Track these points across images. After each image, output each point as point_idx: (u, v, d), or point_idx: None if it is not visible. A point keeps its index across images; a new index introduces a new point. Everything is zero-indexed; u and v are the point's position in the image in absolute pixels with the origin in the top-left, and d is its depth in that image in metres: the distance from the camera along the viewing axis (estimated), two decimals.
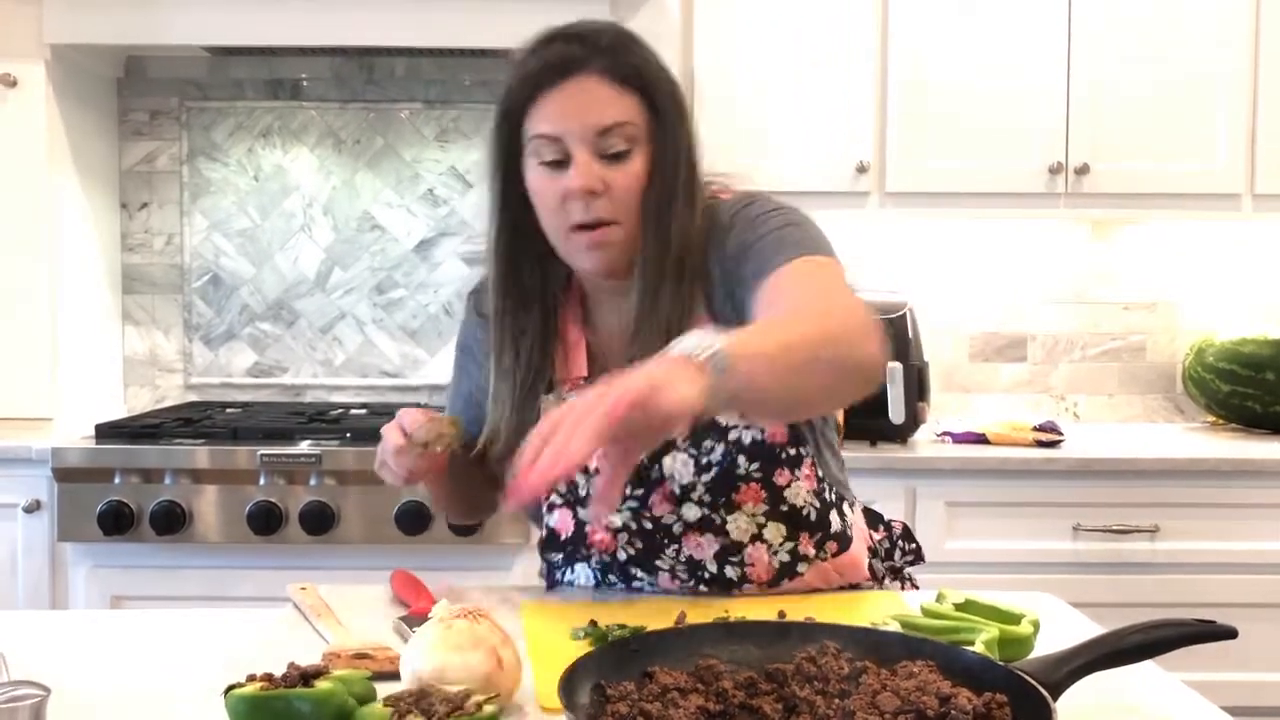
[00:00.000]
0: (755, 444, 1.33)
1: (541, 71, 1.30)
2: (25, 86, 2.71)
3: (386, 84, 3.12)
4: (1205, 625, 1.04)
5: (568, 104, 1.29)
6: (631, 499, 1.36)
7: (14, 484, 2.52)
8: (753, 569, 1.37)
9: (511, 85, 1.32)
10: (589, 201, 1.29)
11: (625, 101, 1.30)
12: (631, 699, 0.92)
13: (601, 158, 1.29)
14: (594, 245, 1.31)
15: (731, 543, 1.36)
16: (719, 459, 1.33)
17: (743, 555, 1.37)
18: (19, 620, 1.44)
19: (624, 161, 1.30)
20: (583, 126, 1.28)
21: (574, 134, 1.28)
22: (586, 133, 1.28)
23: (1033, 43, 2.79)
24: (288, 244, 3.13)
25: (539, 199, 1.33)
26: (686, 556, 1.37)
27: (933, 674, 0.95)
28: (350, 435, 2.57)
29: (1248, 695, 2.52)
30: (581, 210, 1.29)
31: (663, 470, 1.34)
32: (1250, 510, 2.59)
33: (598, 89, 1.29)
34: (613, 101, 1.29)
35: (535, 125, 1.30)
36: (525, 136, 1.31)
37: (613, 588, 1.42)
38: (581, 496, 1.38)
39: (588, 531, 1.38)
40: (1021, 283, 3.16)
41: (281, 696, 0.92)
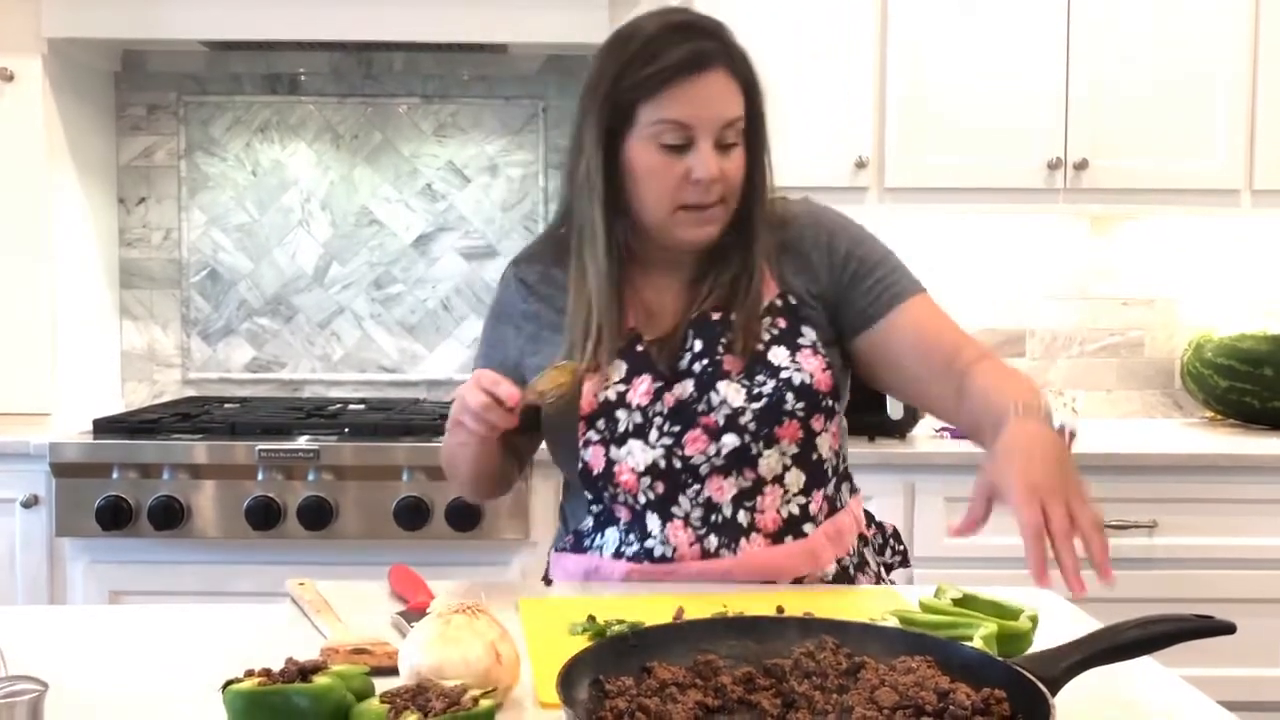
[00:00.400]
0: (803, 385, 1.44)
1: (680, 65, 1.39)
2: (22, 81, 2.70)
3: (385, 79, 3.12)
4: (1203, 620, 1.04)
5: (701, 95, 1.39)
6: (666, 436, 1.43)
7: (12, 479, 2.52)
8: (763, 516, 1.44)
9: (638, 72, 1.40)
10: (710, 186, 1.41)
11: (740, 99, 1.43)
12: (630, 694, 0.92)
13: (718, 146, 1.41)
14: (705, 222, 1.44)
15: (752, 485, 1.44)
16: (770, 392, 1.43)
17: (756, 501, 1.44)
18: (17, 615, 1.44)
19: (732, 151, 1.43)
20: (713, 118, 1.40)
21: (705, 124, 1.40)
22: (715, 125, 1.40)
23: (1032, 38, 2.79)
24: (286, 239, 3.13)
25: (651, 176, 1.42)
26: (705, 498, 1.44)
27: (931, 669, 0.95)
28: (348, 430, 2.57)
29: (1246, 690, 2.52)
30: (702, 193, 1.41)
31: (710, 402, 1.43)
32: (1248, 505, 2.60)
33: (724, 85, 1.41)
34: (734, 97, 1.42)
35: (665, 111, 1.39)
36: (642, 118, 1.40)
37: (630, 546, 1.45)
38: (618, 434, 1.44)
39: (615, 471, 1.44)
40: (1020, 278, 3.16)
41: (279, 692, 0.92)
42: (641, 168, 1.42)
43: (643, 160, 1.42)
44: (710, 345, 1.46)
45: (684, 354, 1.46)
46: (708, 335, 1.46)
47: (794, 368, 1.44)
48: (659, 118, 1.39)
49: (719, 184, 1.41)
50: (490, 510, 2.47)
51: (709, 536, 1.43)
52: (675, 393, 1.45)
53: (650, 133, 1.40)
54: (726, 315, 1.47)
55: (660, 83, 1.39)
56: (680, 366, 1.46)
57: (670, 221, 1.44)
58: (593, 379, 1.45)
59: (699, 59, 1.39)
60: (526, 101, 3.11)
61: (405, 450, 2.48)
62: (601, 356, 1.44)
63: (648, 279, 1.51)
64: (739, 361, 1.45)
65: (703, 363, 1.45)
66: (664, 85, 1.39)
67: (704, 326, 1.47)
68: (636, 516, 1.45)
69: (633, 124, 1.41)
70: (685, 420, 1.43)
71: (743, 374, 1.44)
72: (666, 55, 1.39)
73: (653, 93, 1.39)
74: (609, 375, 1.45)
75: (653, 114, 1.40)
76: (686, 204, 1.42)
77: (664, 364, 1.46)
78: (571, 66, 3.11)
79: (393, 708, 0.92)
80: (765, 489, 1.44)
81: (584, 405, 1.45)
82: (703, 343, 1.46)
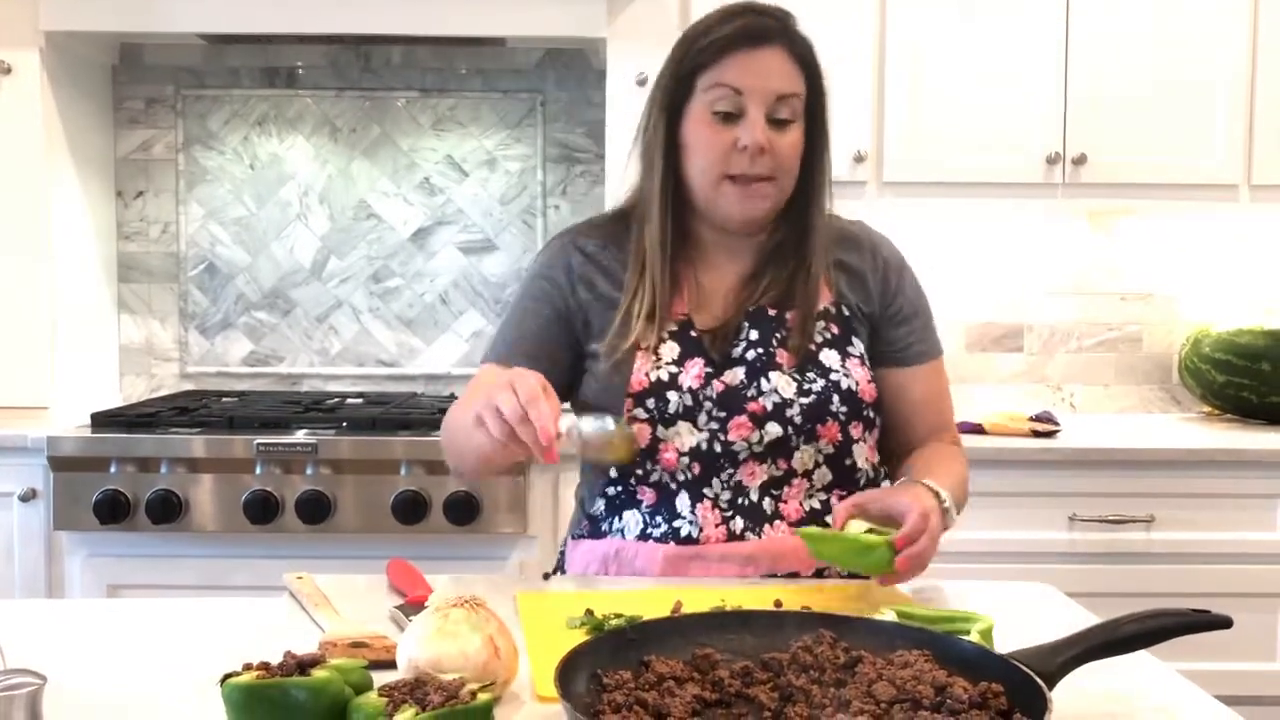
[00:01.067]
0: (849, 391, 1.49)
1: (736, 35, 1.45)
2: (20, 74, 2.70)
3: (383, 72, 3.12)
4: (1200, 615, 1.04)
5: (756, 65, 1.45)
6: (713, 420, 1.46)
7: (10, 473, 2.52)
8: (786, 505, 1.47)
9: (698, 44, 1.47)
10: (756, 156, 1.44)
11: (798, 79, 1.48)
12: (628, 688, 0.92)
13: (769, 120, 1.45)
14: (750, 195, 1.47)
15: (782, 475, 1.48)
16: (819, 390, 1.48)
17: (783, 491, 1.47)
18: (15, 609, 1.44)
19: (786, 129, 1.47)
20: (765, 88, 1.44)
21: (756, 92, 1.44)
22: (767, 95, 1.45)
23: (1031, 33, 2.79)
24: (284, 233, 3.13)
25: (700, 144, 1.47)
26: (735, 482, 1.47)
27: (928, 663, 0.95)
28: (346, 424, 2.57)
29: (1242, 684, 2.53)
30: (747, 163, 1.45)
31: (760, 388, 1.47)
32: (1246, 500, 2.60)
33: (781, 61, 1.46)
34: (790, 75, 1.47)
35: (721, 76, 1.45)
36: (701, 85, 1.46)
37: (657, 528, 1.47)
38: (667, 415, 1.46)
39: (660, 449, 1.46)
40: (1018, 273, 3.16)
41: (278, 685, 0.92)
42: (693, 138, 1.47)
43: (695, 131, 1.46)
44: (765, 337, 1.50)
45: (738, 343, 1.50)
46: (764, 328, 1.50)
47: (843, 372, 1.49)
48: (716, 81, 1.44)
49: (767, 157, 1.44)
50: (488, 504, 2.47)
51: (735, 519, 1.46)
52: (725, 379, 1.48)
53: (705, 100, 1.45)
54: (783, 312, 1.51)
55: (716, 50, 1.45)
56: (733, 354, 1.49)
57: (716, 194, 1.47)
58: (644, 357, 1.48)
59: (756, 32, 1.45)
60: (525, 95, 3.11)
61: (403, 444, 2.48)
62: (650, 335, 1.47)
63: (705, 265, 1.55)
64: (791, 357, 1.49)
65: (757, 352, 1.49)
66: (720, 53, 1.44)
67: (761, 319, 1.51)
68: (664, 497, 1.47)
69: (691, 94, 1.46)
70: (732, 406, 1.46)
71: (794, 368, 1.48)
72: (724, 27, 1.46)
73: (709, 61, 1.45)
74: (660, 356, 1.48)
75: (708, 80, 1.45)
76: (732, 174, 1.45)
77: (717, 351, 1.50)
78: (570, 60, 3.10)
79: (391, 701, 0.92)
80: (794, 480, 1.48)
81: (634, 383, 1.47)
82: (759, 334, 1.50)
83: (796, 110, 1.47)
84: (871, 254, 1.58)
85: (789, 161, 1.47)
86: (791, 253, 1.52)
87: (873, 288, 1.56)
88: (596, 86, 3.04)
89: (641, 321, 1.48)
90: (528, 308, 1.55)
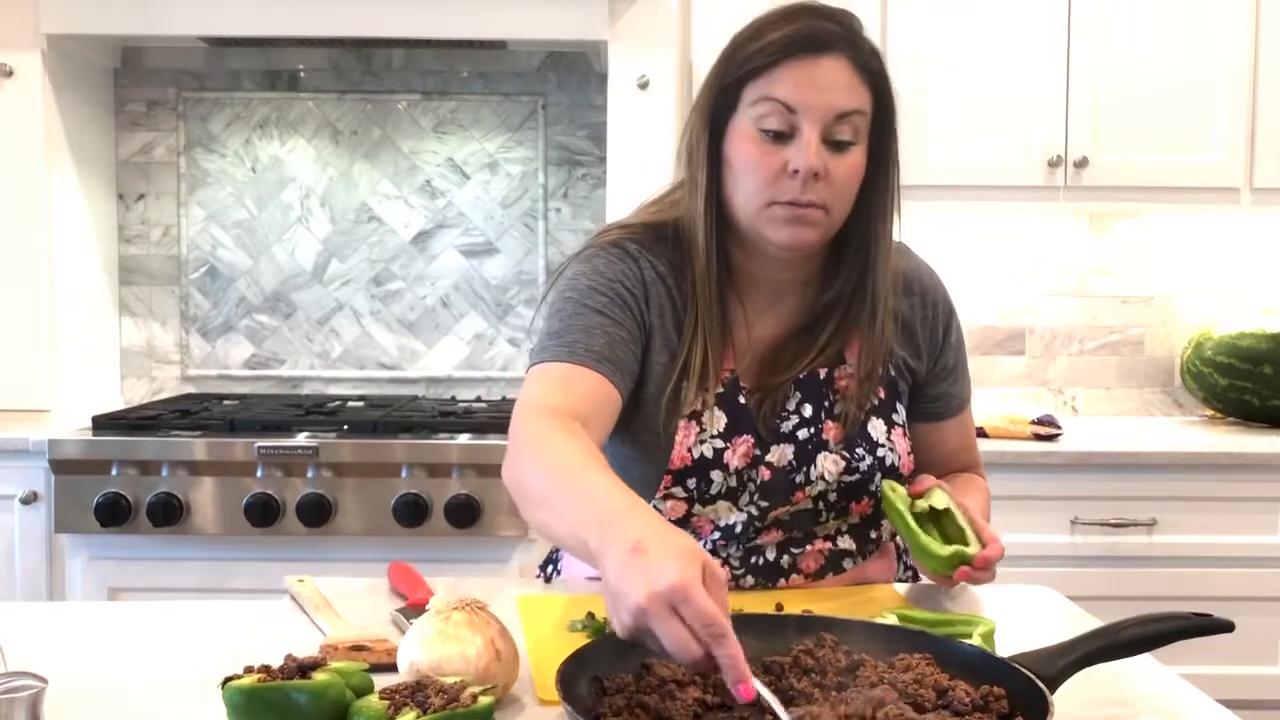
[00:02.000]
0: (892, 467, 1.38)
1: (792, 40, 1.25)
2: (21, 76, 2.70)
3: (384, 75, 3.12)
4: (1202, 618, 1.04)
5: (814, 78, 1.25)
6: (754, 505, 1.35)
7: (11, 475, 2.52)
8: (804, 559, 1.40)
9: (746, 50, 1.28)
10: (810, 183, 1.26)
11: (862, 93, 1.28)
12: (629, 691, 0.92)
13: (826, 142, 1.26)
14: (796, 220, 1.28)
15: (802, 537, 1.40)
16: (864, 469, 1.37)
17: (803, 550, 1.40)
18: (16, 611, 1.44)
19: (846, 152, 1.28)
20: (823, 105, 1.25)
21: (813, 110, 1.25)
22: (825, 113, 1.25)
23: (1033, 35, 2.79)
24: (285, 235, 3.13)
25: (746, 164, 1.28)
26: (753, 544, 1.39)
27: (930, 666, 0.95)
28: (347, 427, 2.57)
29: (1244, 688, 2.53)
30: (798, 189, 1.26)
31: (809, 475, 1.35)
32: (1248, 504, 2.60)
33: (843, 73, 1.26)
34: (853, 89, 1.27)
35: (772, 89, 1.25)
36: (747, 98, 1.27)
37: None
38: (708, 496, 1.33)
39: (693, 523, 1.36)
40: (1020, 276, 3.16)
41: (279, 688, 0.92)
42: (739, 155, 1.28)
43: (740, 148, 1.28)
44: (816, 411, 1.36)
45: (788, 415, 1.36)
46: (814, 397, 1.36)
47: (888, 446, 1.38)
48: (766, 95, 1.25)
49: (821, 183, 1.26)
50: (489, 507, 2.47)
51: (746, 577, 1.39)
52: (772, 458, 1.35)
53: (752, 115, 1.27)
54: (831, 372, 1.37)
55: (767, 58, 1.25)
56: (781, 430, 1.36)
57: (761, 217, 1.28)
58: (687, 426, 1.33)
59: (814, 39, 1.25)
60: (526, 98, 3.11)
61: (404, 447, 2.48)
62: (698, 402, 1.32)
63: (754, 308, 1.38)
64: (840, 431, 1.36)
65: (808, 431, 1.35)
66: (771, 62, 1.25)
67: (811, 386, 1.37)
68: None
69: (736, 108, 1.28)
70: (777, 494, 1.35)
71: (842, 444, 1.36)
72: (777, 31, 1.26)
73: (759, 70, 1.26)
74: (704, 426, 1.33)
75: (757, 93, 1.26)
76: (780, 200, 1.27)
77: (765, 426, 1.35)
78: (571, 63, 3.10)
79: (392, 704, 0.92)
80: (814, 542, 1.41)
81: (675, 459, 1.32)
82: (811, 408, 1.36)
83: (859, 129, 1.27)
84: (921, 298, 1.43)
85: (846, 189, 1.29)
86: (850, 302, 1.36)
87: (921, 341, 1.43)
88: (598, 89, 3.04)
89: (694, 385, 1.32)
90: (602, 311, 1.31)
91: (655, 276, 1.35)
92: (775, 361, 1.38)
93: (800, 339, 1.38)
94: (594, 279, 1.34)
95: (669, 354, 1.35)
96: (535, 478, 1.12)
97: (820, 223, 1.29)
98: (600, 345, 1.29)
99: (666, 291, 1.35)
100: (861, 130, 1.28)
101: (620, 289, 1.33)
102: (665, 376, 1.35)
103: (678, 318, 1.35)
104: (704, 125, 1.31)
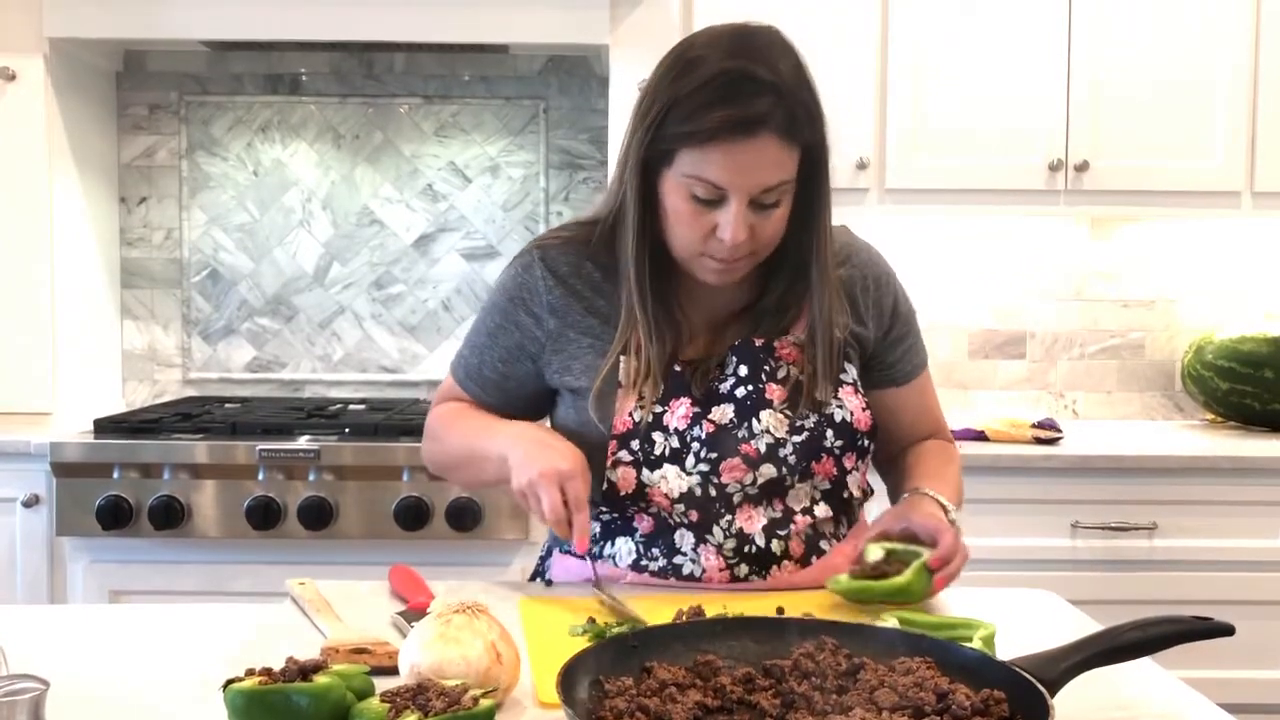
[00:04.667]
0: (843, 423, 1.43)
1: (725, 124, 1.29)
2: (24, 80, 2.70)
3: (386, 79, 3.12)
4: (1203, 622, 1.04)
5: (742, 161, 1.30)
6: (703, 463, 1.40)
7: (13, 478, 2.52)
8: (792, 544, 1.43)
9: (679, 122, 1.32)
10: (736, 246, 1.34)
11: (791, 159, 1.33)
12: (630, 694, 0.92)
13: (753, 204, 1.33)
14: (728, 271, 1.38)
15: (782, 515, 1.43)
16: (811, 426, 1.42)
17: (788, 530, 1.43)
18: (18, 614, 1.44)
19: (771, 211, 1.35)
20: (750, 185, 1.31)
21: (740, 189, 1.31)
22: (752, 190, 1.32)
23: (1033, 40, 2.79)
24: (286, 239, 3.13)
25: (678, 218, 1.36)
26: (737, 529, 1.42)
27: (930, 670, 0.95)
28: (349, 430, 2.57)
29: (1245, 692, 2.53)
30: (726, 250, 1.34)
31: (751, 429, 1.40)
32: (1248, 508, 2.60)
33: (773, 153, 1.31)
34: (782, 162, 1.32)
35: (700, 168, 1.31)
36: (679, 164, 1.33)
37: (654, 561, 1.44)
38: (653, 457, 1.40)
39: (648, 491, 1.41)
40: (1021, 280, 3.16)
41: (280, 691, 0.92)
42: (671, 209, 1.36)
43: (674, 202, 1.35)
44: (755, 372, 1.43)
45: (726, 378, 1.43)
46: (751, 361, 1.43)
47: (836, 404, 1.43)
48: (694, 172, 1.32)
49: (747, 242, 1.34)
50: (490, 510, 2.47)
51: (740, 565, 1.42)
52: (714, 417, 1.41)
53: (683, 180, 1.33)
54: (771, 341, 1.44)
55: (702, 139, 1.30)
56: (720, 390, 1.43)
57: (692, 262, 1.39)
58: (626, 396, 1.41)
59: (747, 123, 1.29)
60: (528, 102, 3.12)
61: (405, 450, 2.48)
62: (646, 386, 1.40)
63: (690, 296, 1.46)
64: (782, 391, 1.42)
65: (746, 388, 1.42)
66: (705, 142, 1.30)
67: (747, 351, 1.44)
68: (662, 530, 1.43)
69: (670, 163, 1.34)
70: (724, 448, 1.40)
71: (785, 404, 1.42)
72: (715, 110, 1.29)
73: (693, 145, 1.31)
74: (644, 394, 1.41)
75: (689, 165, 1.32)
76: (709, 254, 1.36)
77: (699, 387, 1.42)
78: (572, 67, 3.11)
79: (393, 707, 0.92)
80: (795, 518, 1.43)
81: (617, 424, 1.40)
82: (748, 369, 1.43)
83: (785, 190, 1.35)
84: (860, 270, 1.50)
85: (774, 237, 1.37)
86: (790, 281, 1.44)
87: (864, 309, 1.49)
88: (599, 93, 3.05)
89: (635, 362, 1.41)
90: (501, 328, 1.49)
91: (554, 280, 1.47)
92: (712, 336, 1.47)
93: (739, 319, 1.47)
94: (496, 295, 1.51)
95: (593, 335, 1.46)
96: (455, 437, 1.51)
97: (747, 266, 1.39)
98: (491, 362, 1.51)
99: (568, 288, 1.46)
100: (787, 190, 1.35)
101: (508, 304, 1.49)
102: (592, 355, 1.45)
103: (600, 305, 1.46)
104: (637, 169, 1.37)
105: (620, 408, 1.41)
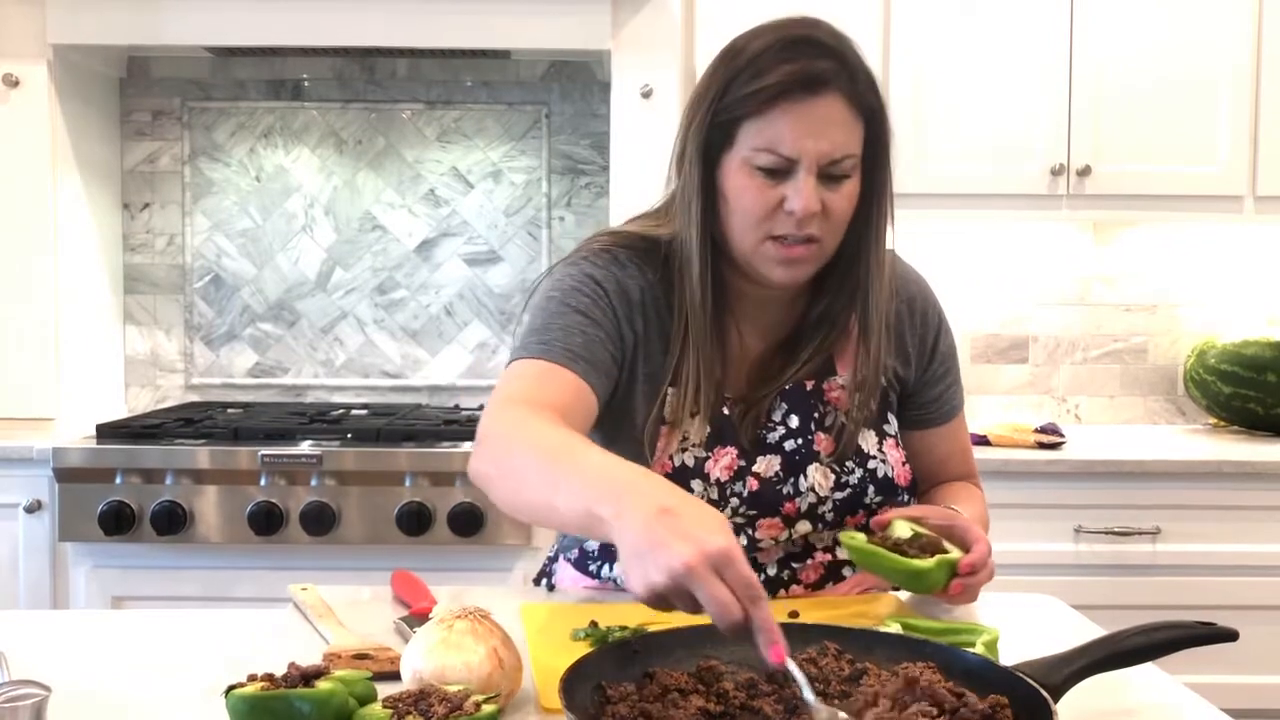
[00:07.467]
0: (885, 479, 1.39)
1: (788, 83, 1.24)
2: (28, 86, 2.71)
3: (388, 84, 3.13)
4: (1206, 627, 1.04)
5: (810, 124, 1.24)
6: (739, 517, 1.35)
7: (15, 484, 2.52)
8: (804, 572, 1.40)
9: (741, 89, 1.26)
10: (805, 220, 1.26)
11: (857, 129, 1.28)
12: (632, 700, 0.92)
13: (821, 177, 1.26)
14: (793, 260, 1.29)
15: (800, 550, 1.39)
16: (855, 482, 1.37)
17: (803, 564, 1.39)
18: (20, 620, 1.44)
19: (840, 184, 1.28)
20: (819, 151, 1.25)
21: (808, 155, 1.25)
22: (822, 158, 1.25)
23: (1035, 44, 2.79)
24: (289, 244, 3.13)
25: (742, 200, 1.28)
26: (750, 558, 1.37)
27: (933, 675, 0.95)
28: (351, 436, 2.57)
29: (1249, 697, 2.52)
30: (794, 226, 1.26)
31: (797, 486, 1.35)
32: (1252, 512, 2.59)
33: (840, 114, 1.26)
34: (850, 129, 1.27)
35: (766, 134, 1.25)
36: (741, 139, 1.26)
37: None
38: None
39: None
40: (1023, 285, 3.16)
41: (282, 697, 0.92)
42: (734, 190, 1.28)
43: (736, 182, 1.27)
44: (804, 422, 1.36)
45: (775, 426, 1.36)
46: (802, 408, 1.37)
47: (880, 458, 1.38)
48: (758, 142, 1.25)
49: (816, 218, 1.26)
50: (493, 516, 2.47)
51: None
52: (758, 470, 1.35)
53: (745, 153, 1.26)
54: (820, 383, 1.38)
55: (763, 102, 1.24)
56: (768, 440, 1.36)
57: (757, 254, 1.29)
58: (669, 433, 1.33)
59: (811, 79, 1.23)
60: (530, 107, 3.12)
61: (408, 455, 2.48)
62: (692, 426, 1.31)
63: (745, 324, 1.38)
64: (831, 442, 1.36)
65: (795, 443, 1.36)
66: (768, 105, 1.24)
67: (798, 397, 1.37)
68: None
69: (732, 144, 1.27)
70: (764, 505, 1.34)
71: (833, 457, 1.36)
72: (775, 71, 1.24)
73: (755, 112, 1.25)
74: (687, 436, 1.33)
75: (753, 136, 1.25)
76: (776, 234, 1.27)
77: (748, 436, 1.35)
78: (574, 72, 3.11)
79: (395, 713, 0.92)
80: (814, 555, 1.40)
81: (655, 466, 1.31)
82: (799, 419, 1.36)
83: (855, 164, 1.28)
84: (909, 305, 1.43)
85: (841, 221, 1.29)
86: (839, 316, 1.37)
87: (910, 348, 1.43)
88: (601, 98, 3.05)
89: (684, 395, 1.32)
90: (583, 311, 1.31)
91: (645, 285, 1.36)
92: (762, 374, 1.38)
93: (787, 351, 1.39)
94: (579, 280, 1.34)
95: (654, 363, 1.35)
96: (523, 460, 1.12)
97: (814, 258, 1.30)
98: (578, 345, 1.29)
99: (654, 301, 1.36)
100: (855, 163, 1.29)
101: (603, 292, 1.34)
102: (650, 385, 1.35)
103: (664, 327, 1.35)
104: (698, 156, 1.30)
105: (663, 446, 1.33)
